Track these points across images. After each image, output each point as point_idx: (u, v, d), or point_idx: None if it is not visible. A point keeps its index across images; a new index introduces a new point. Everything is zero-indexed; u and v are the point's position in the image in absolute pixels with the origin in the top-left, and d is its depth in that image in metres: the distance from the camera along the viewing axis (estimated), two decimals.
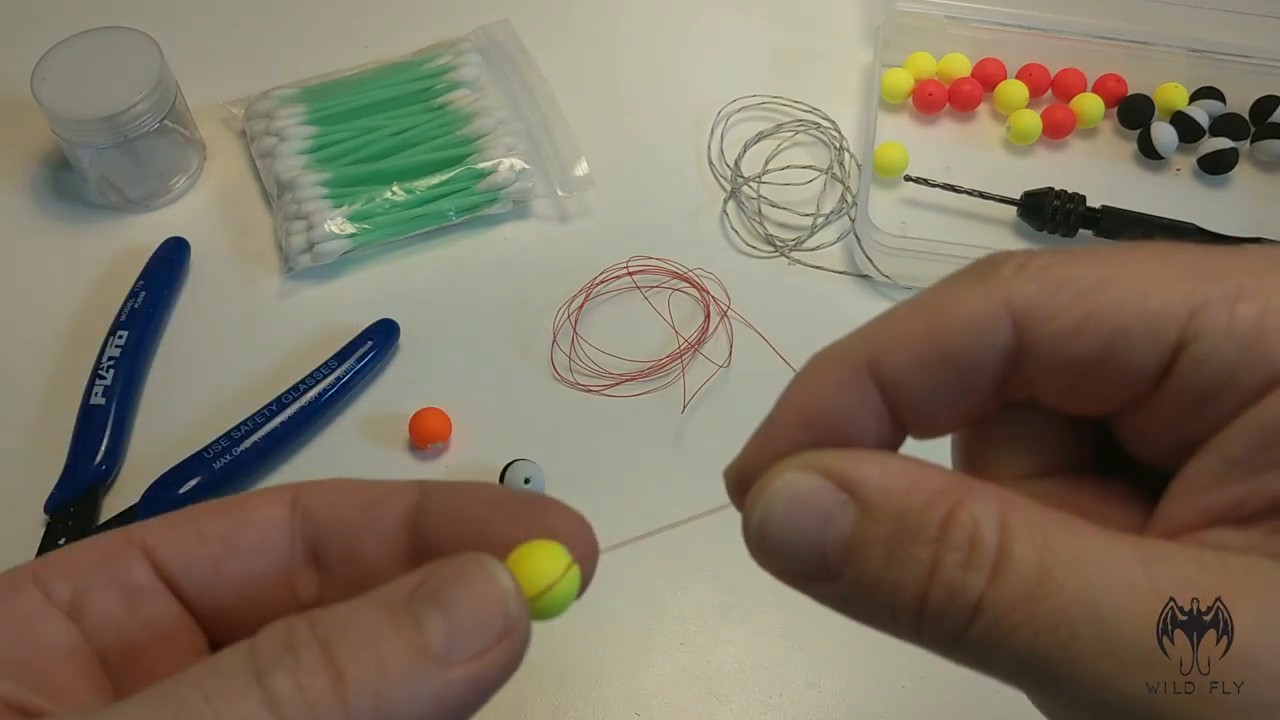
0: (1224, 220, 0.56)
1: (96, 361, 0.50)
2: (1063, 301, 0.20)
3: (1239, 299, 0.19)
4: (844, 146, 0.60)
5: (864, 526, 0.20)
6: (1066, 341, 0.20)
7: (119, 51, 0.54)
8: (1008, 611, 0.18)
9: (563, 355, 0.52)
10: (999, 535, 0.19)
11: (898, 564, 0.19)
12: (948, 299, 0.21)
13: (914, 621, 0.19)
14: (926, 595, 0.19)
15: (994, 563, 0.19)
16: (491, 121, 0.58)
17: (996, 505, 0.19)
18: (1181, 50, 0.61)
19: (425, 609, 0.20)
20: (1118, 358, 0.19)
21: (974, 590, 0.18)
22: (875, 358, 0.21)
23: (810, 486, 0.21)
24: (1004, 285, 0.21)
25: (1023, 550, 0.18)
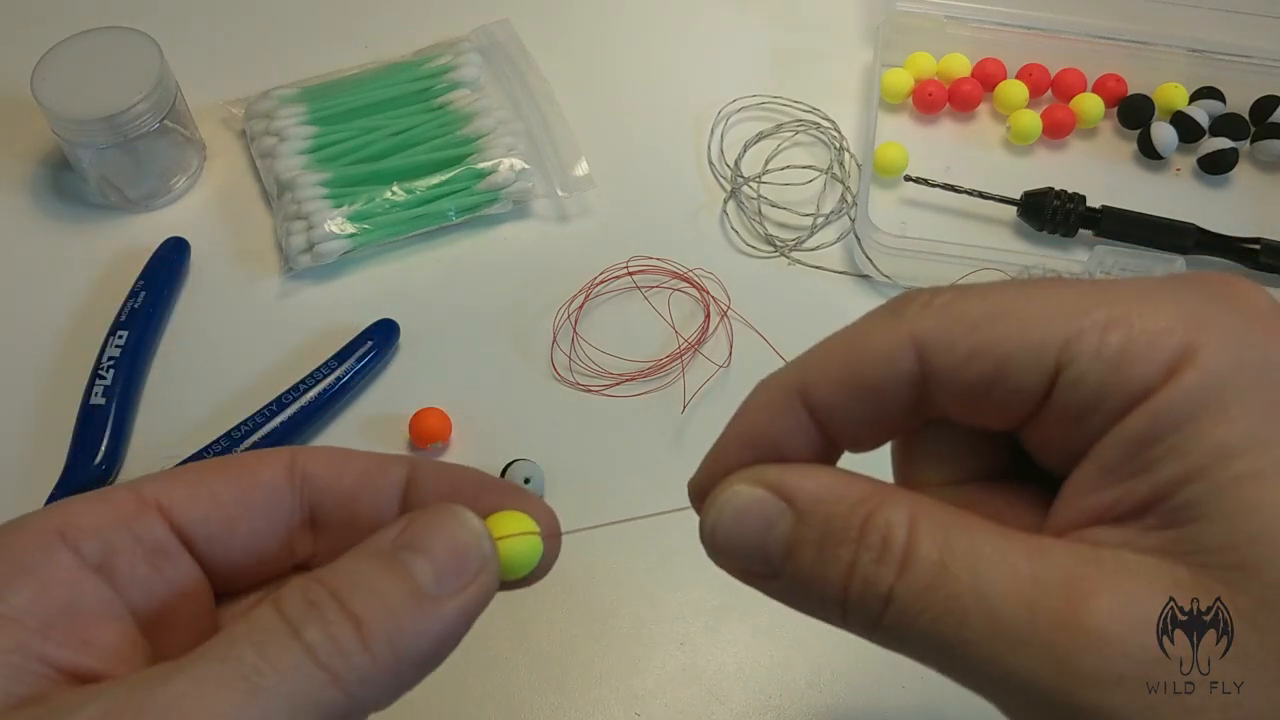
0: (1224, 220, 0.56)
1: (96, 361, 0.50)
2: (959, 333, 0.23)
3: (1108, 327, 0.22)
4: (844, 146, 0.60)
5: (799, 530, 0.23)
6: (962, 368, 0.23)
7: (119, 51, 0.54)
8: (912, 600, 0.22)
9: (563, 355, 0.52)
10: (907, 535, 0.22)
11: (825, 562, 0.23)
12: (862, 333, 0.24)
13: (840, 611, 0.23)
14: (848, 588, 0.22)
15: (901, 559, 0.22)
16: (491, 121, 0.58)
17: (906, 510, 0.22)
18: (1181, 50, 0.61)
19: (410, 556, 0.23)
20: (1005, 381, 0.23)
21: (884, 583, 0.22)
22: (804, 386, 0.24)
23: (754, 496, 0.24)
24: (910, 320, 0.23)
25: (926, 548, 0.22)
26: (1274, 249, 0.55)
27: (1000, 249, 0.54)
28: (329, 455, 0.26)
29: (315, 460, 0.26)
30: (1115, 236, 0.56)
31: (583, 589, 0.46)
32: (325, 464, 0.26)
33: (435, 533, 0.24)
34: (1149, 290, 0.22)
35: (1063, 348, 0.22)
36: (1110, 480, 0.22)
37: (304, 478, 0.26)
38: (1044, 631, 0.21)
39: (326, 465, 0.26)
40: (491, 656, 0.45)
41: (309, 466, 0.26)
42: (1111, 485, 0.22)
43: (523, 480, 0.47)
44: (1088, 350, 0.22)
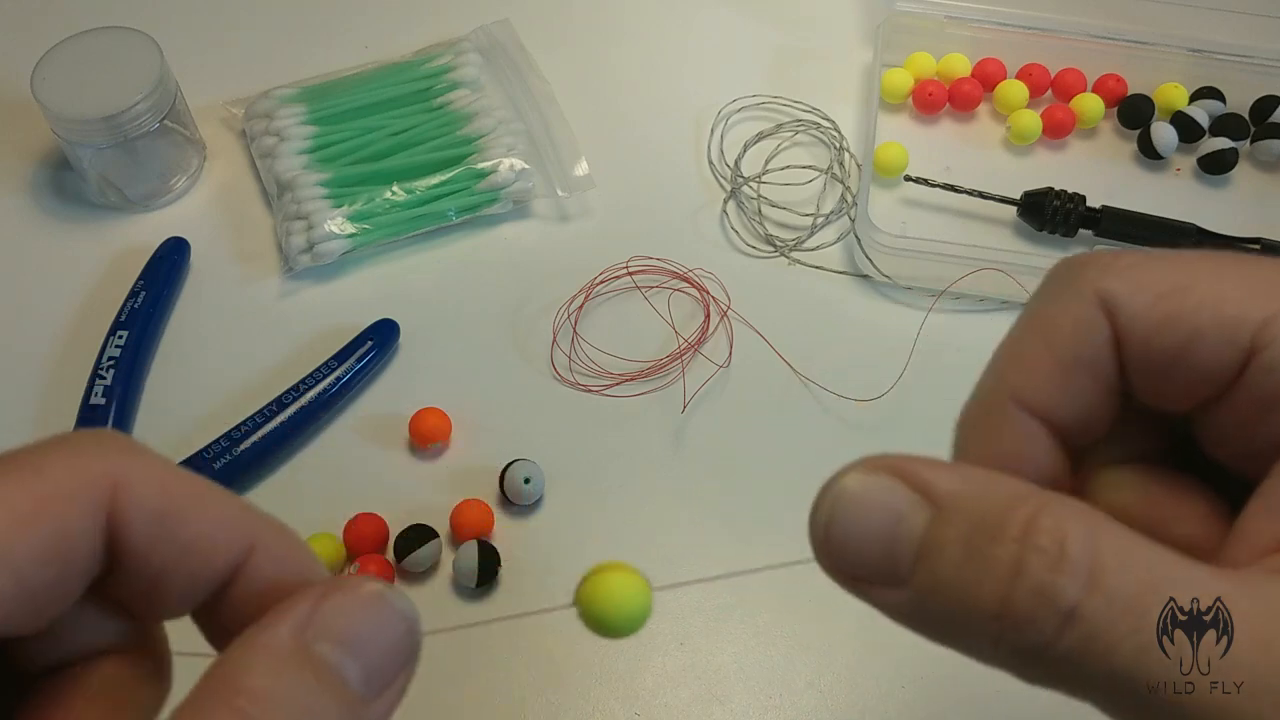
0: (1224, 220, 0.56)
1: (96, 361, 0.50)
2: (1148, 299, 0.21)
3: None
4: (844, 146, 0.60)
5: (939, 527, 0.19)
6: (1152, 336, 0.20)
7: (119, 51, 0.54)
8: (1109, 625, 0.17)
9: (563, 355, 0.52)
10: (1090, 545, 0.18)
11: (978, 565, 0.18)
12: (1048, 313, 0.22)
13: (993, 629, 0.18)
14: (1009, 598, 0.18)
15: (1089, 570, 0.18)
16: (491, 121, 0.58)
17: (1085, 517, 0.18)
18: (1181, 50, 0.61)
19: (338, 655, 0.19)
20: (1193, 358, 0.20)
21: (1068, 596, 0.17)
22: (1016, 391, 0.22)
23: (880, 485, 0.20)
24: (1092, 282, 0.21)
25: (1121, 563, 0.18)
26: (1274, 249, 0.55)
27: (1000, 249, 0.54)
28: (159, 507, 0.20)
29: (141, 509, 0.20)
30: (1115, 236, 0.56)
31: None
32: (155, 524, 0.20)
33: (361, 622, 0.20)
34: None
35: (1260, 327, 0.20)
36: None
37: (121, 519, 0.20)
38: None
39: (157, 525, 0.20)
40: (491, 656, 0.45)
41: (131, 513, 0.20)
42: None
43: (523, 480, 0.47)
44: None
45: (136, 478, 0.20)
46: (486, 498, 0.48)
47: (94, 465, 0.20)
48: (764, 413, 0.51)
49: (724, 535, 0.48)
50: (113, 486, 0.20)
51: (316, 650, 0.19)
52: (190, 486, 0.21)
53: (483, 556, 0.45)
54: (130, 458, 0.20)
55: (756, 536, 0.47)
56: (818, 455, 0.50)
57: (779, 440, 0.50)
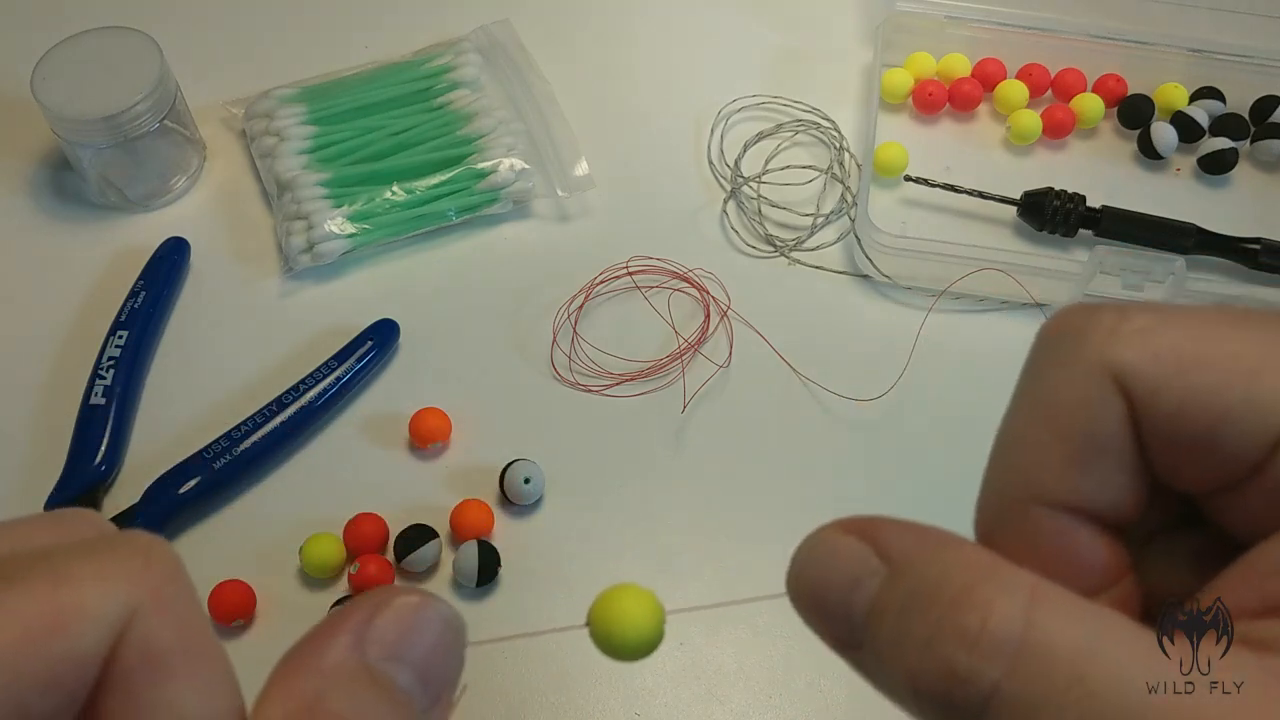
0: (1224, 220, 0.56)
1: (96, 361, 0.50)
2: (1164, 374, 0.18)
3: None
4: (844, 146, 0.60)
5: (885, 590, 0.19)
6: (1169, 418, 0.18)
7: (119, 51, 0.54)
8: (1031, 709, 0.16)
9: (563, 355, 0.52)
10: (1021, 616, 0.17)
11: (901, 633, 0.18)
12: (1051, 391, 0.19)
13: (911, 704, 0.18)
14: (918, 673, 0.17)
15: (1016, 647, 0.16)
16: (491, 121, 0.58)
17: (1024, 586, 0.17)
18: (1181, 50, 0.61)
19: (397, 670, 0.18)
20: (1221, 441, 0.18)
21: (985, 677, 0.16)
22: (1033, 492, 0.20)
23: (842, 545, 0.20)
24: (1099, 352, 0.19)
25: (1041, 638, 0.17)
26: (1274, 249, 0.55)
27: (1000, 249, 0.54)
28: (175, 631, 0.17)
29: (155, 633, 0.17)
30: (1115, 236, 0.56)
31: (583, 589, 0.46)
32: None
33: (409, 632, 0.19)
34: None
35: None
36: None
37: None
38: None
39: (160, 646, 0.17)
40: (491, 657, 0.45)
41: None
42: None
43: (523, 480, 0.47)
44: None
45: (155, 618, 0.17)
46: (486, 498, 0.48)
47: (120, 588, 0.17)
48: (764, 413, 0.51)
49: (724, 535, 0.48)
50: (130, 618, 0.17)
51: (377, 667, 0.18)
52: (195, 640, 0.18)
53: (483, 556, 0.45)
54: (157, 585, 0.17)
55: (756, 536, 0.47)
56: (818, 455, 0.50)
57: (779, 440, 0.50)
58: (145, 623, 0.17)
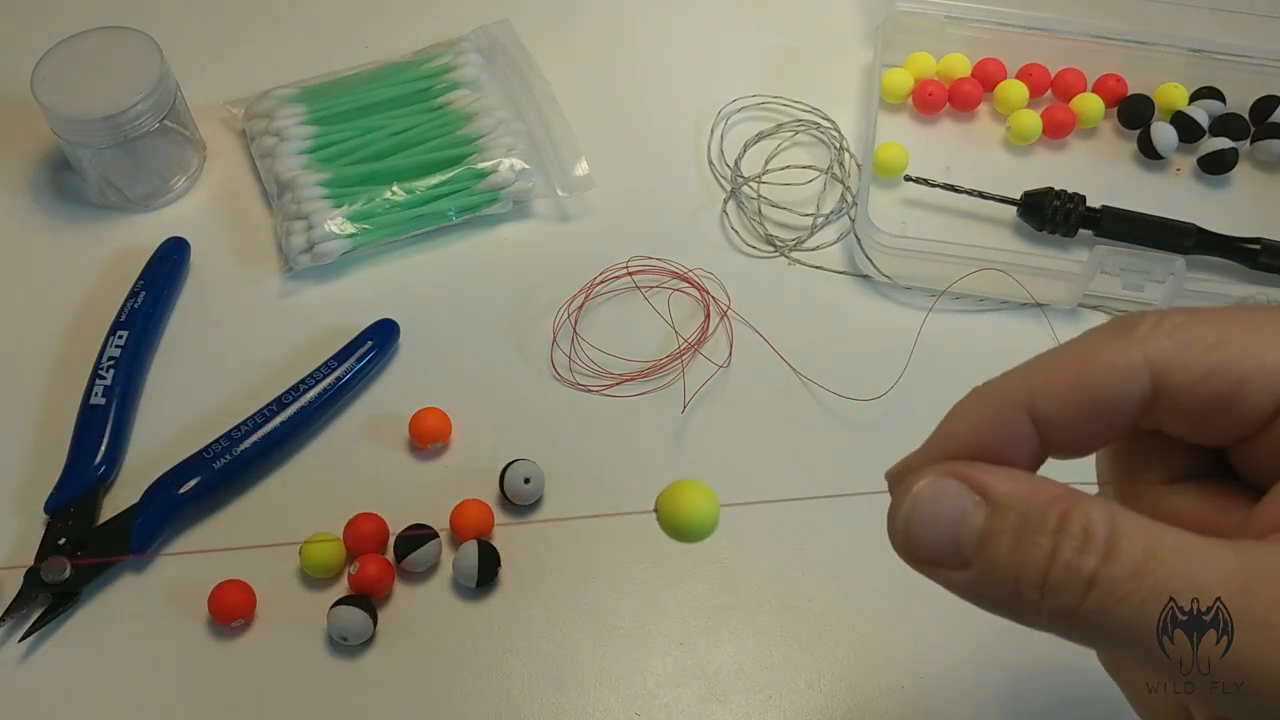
0: (1224, 220, 0.56)
1: (96, 361, 0.50)
2: (1193, 355, 0.24)
3: None
4: (844, 146, 0.60)
5: (995, 521, 0.23)
6: (1196, 387, 0.24)
7: (119, 51, 0.54)
8: (1118, 584, 0.22)
9: (563, 355, 0.52)
10: (1109, 529, 0.22)
11: (1024, 550, 0.23)
12: (1095, 350, 0.25)
13: (1036, 597, 0.23)
14: (1048, 572, 0.22)
15: (1105, 548, 0.22)
16: (491, 121, 0.58)
17: (1106, 508, 0.23)
18: (1181, 50, 0.61)
19: None
20: (1238, 402, 0.24)
21: (1088, 568, 0.22)
22: (1031, 398, 0.25)
23: (949, 487, 0.24)
24: (1142, 341, 0.24)
25: (1130, 540, 0.22)
26: (1274, 249, 0.55)
27: (1000, 249, 0.54)
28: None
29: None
30: (1115, 236, 0.56)
31: (583, 589, 0.46)
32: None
33: None
34: None
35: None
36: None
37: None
38: (1261, 612, 0.21)
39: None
40: (491, 657, 0.45)
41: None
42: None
43: (523, 480, 0.47)
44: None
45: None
46: (486, 498, 0.48)
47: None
48: (764, 413, 0.51)
49: (724, 535, 0.48)
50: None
51: None
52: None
53: (483, 556, 0.45)
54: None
55: (756, 536, 0.47)
56: (818, 455, 0.50)
57: (779, 440, 0.50)
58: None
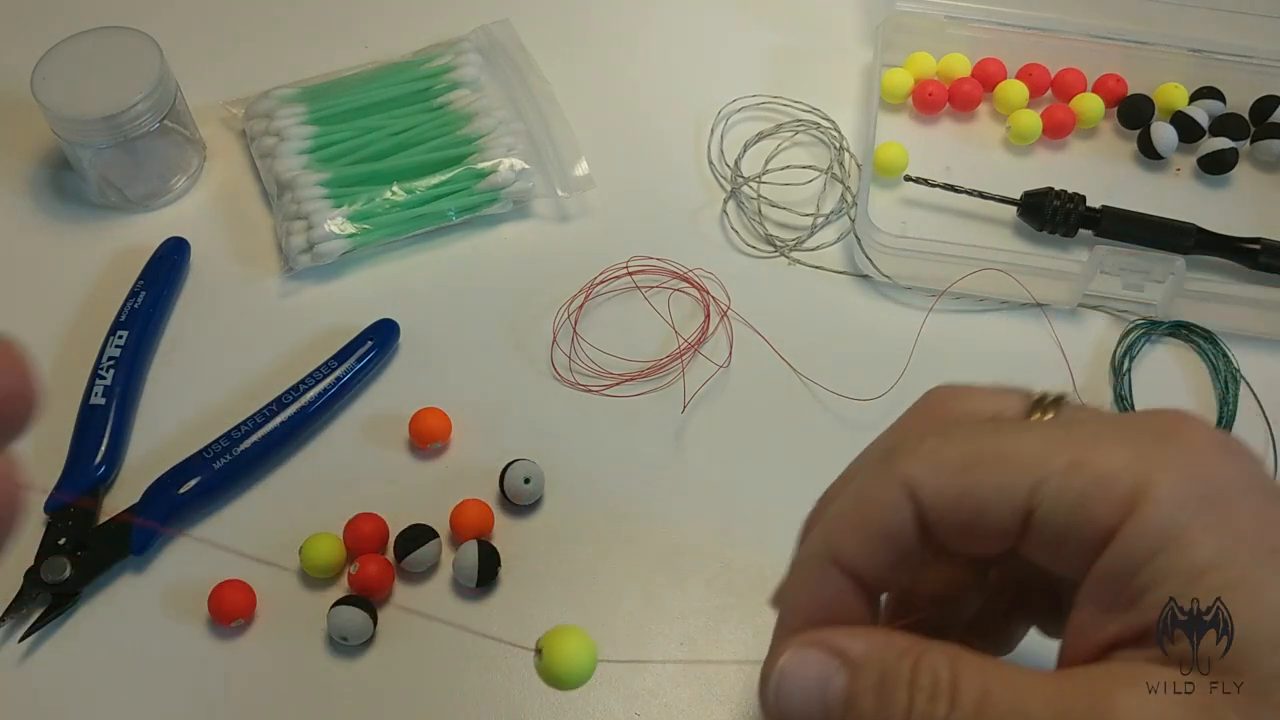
0: (1224, 220, 0.56)
1: (96, 361, 0.50)
2: (943, 480, 0.26)
3: (1069, 471, 0.25)
4: (844, 146, 0.60)
5: (856, 683, 0.26)
6: (950, 511, 0.26)
7: (119, 51, 0.54)
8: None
9: (563, 355, 0.52)
10: (950, 674, 0.25)
11: (885, 706, 0.25)
12: (865, 490, 0.28)
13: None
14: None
15: (950, 694, 0.25)
16: (491, 121, 0.58)
17: (947, 655, 0.25)
18: (1181, 50, 0.61)
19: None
20: (986, 521, 0.26)
21: (940, 715, 0.25)
22: (833, 553, 0.28)
23: (811, 657, 0.27)
24: (901, 469, 0.27)
25: (968, 683, 0.25)
26: (1274, 249, 0.55)
27: (1000, 249, 0.54)
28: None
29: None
30: (1115, 236, 0.56)
31: (583, 588, 0.46)
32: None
33: None
34: (1105, 434, 0.26)
35: (1031, 491, 0.25)
36: (1107, 618, 0.25)
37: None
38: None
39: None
40: (491, 656, 0.45)
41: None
42: (1110, 622, 0.25)
43: (523, 480, 0.47)
44: (1051, 494, 0.25)
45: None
46: (486, 498, 0.48)
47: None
48: (764, 413, 0.51)
49: (725, 535, 0.48)
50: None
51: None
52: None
53: (483, 556, 0.45)
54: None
55: (756, 536, 0.47)
56: (818, 455, 0.50)
57: (779, 440, 0.50)
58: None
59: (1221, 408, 0.52)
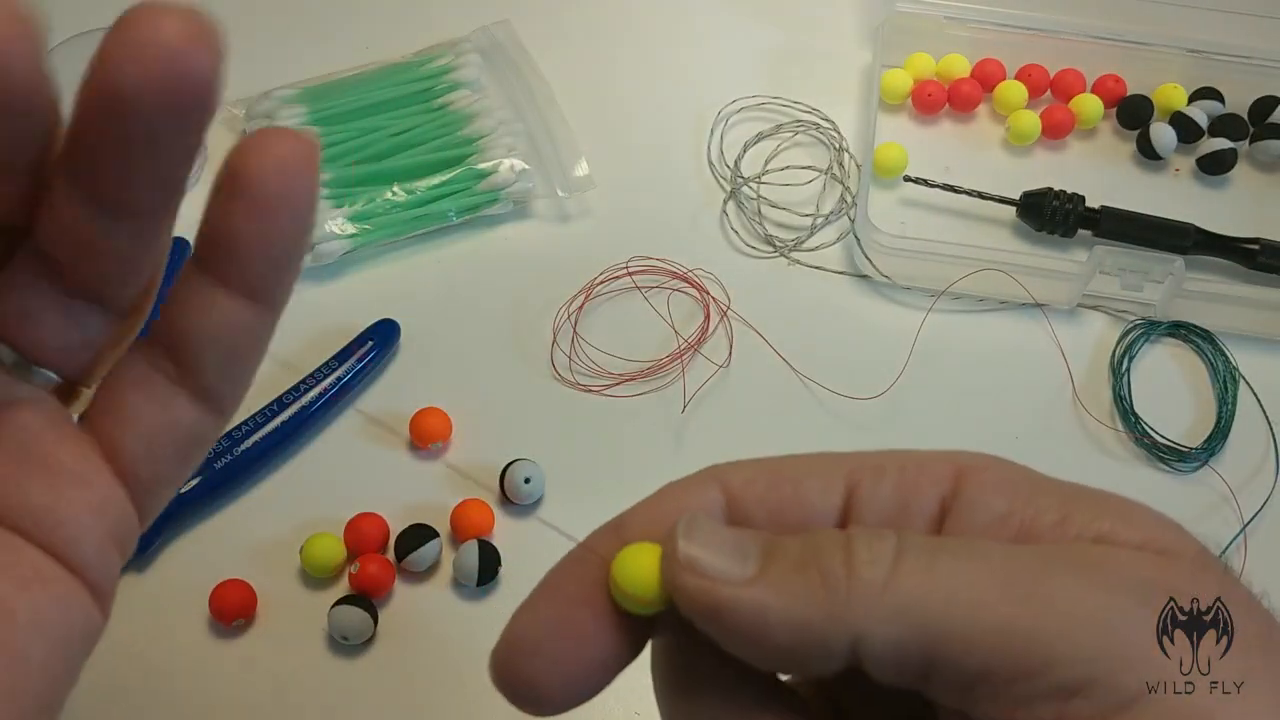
0: (1223, 220, 0.56)
1: None
2: (754, 471, 0.25)
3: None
4: (844, 147, 0.60)
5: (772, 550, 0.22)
6: (761, 499, 0.24)
7: None
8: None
9: (563, 355, 0.53)
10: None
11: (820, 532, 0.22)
12: (660, 493, 0.25)
13: (843, 575, 0.21)
14: (849, 546, 0.21)
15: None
16: (492, 122, 0.58)
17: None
18: (1181, 50, 0.61)
19: None
20: (802, 505, 0.24)
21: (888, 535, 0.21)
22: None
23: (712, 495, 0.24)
24: (720, 481, 0.24)
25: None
26: (1273, 249, 0.55)
27: (999, 249, 0.54)
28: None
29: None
30: (1114, 236, 0.56)
31: None
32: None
33: None
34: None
35: (851, 480, 0.24)
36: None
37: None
38: None
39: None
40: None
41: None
42: None
43: (523, 480, 0.47)
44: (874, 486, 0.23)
45: None
46: (486, 498, 0.48)
47: None
48: (764, 413, 0.51)
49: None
50: None
51: None
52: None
53: (483, 556, 0.45)
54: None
55: None
56: None
57: (779, 440, 0.50)
58: None
59: (1220, 408, 0.52)
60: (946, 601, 0.20)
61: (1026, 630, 0.19)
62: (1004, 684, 0.19)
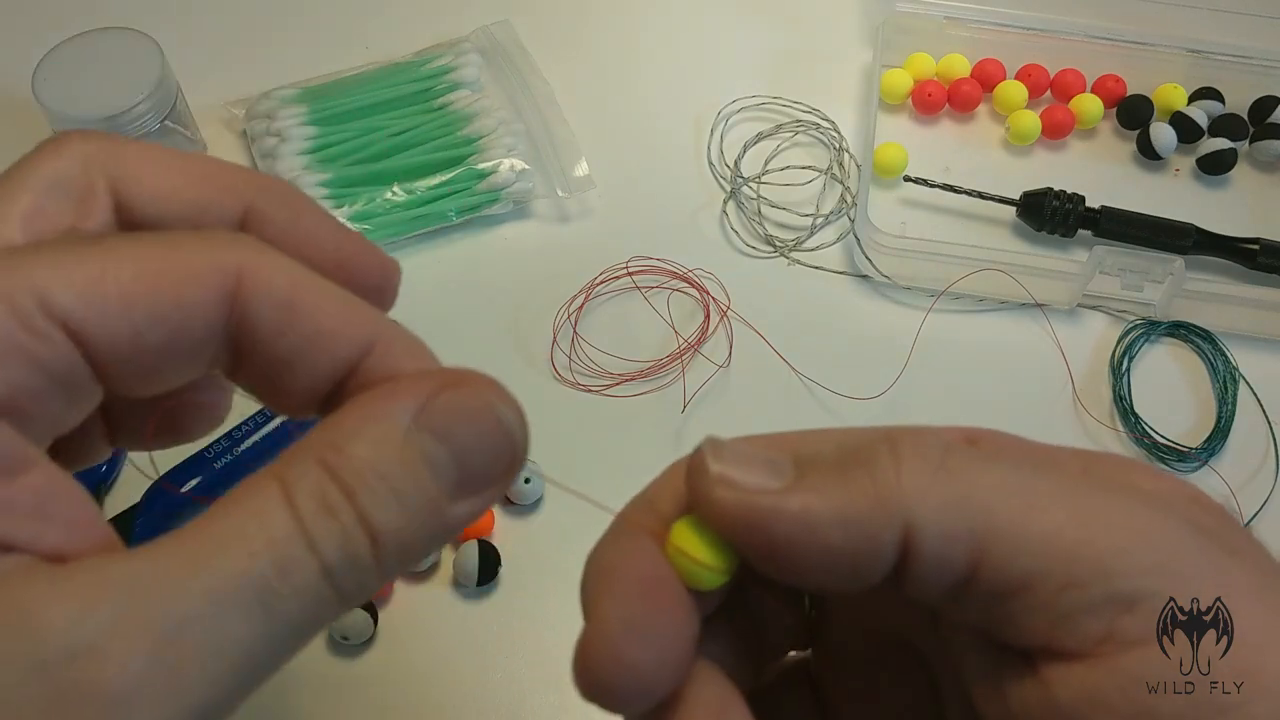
0: (1223, 220, 0.56)
1: None
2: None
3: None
4: (844, 147, 0.60)
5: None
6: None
7: (119, 52, 0.54)
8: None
9: (563, 355, 0.53)
10: None
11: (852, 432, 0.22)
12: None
13: (894, 470, 0.20)
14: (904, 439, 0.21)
15: None
16: (492, 122, 0.58)
17: None
18: (1181, 51, 0.61)
19: (437, 450, 0.20)
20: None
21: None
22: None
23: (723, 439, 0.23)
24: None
25: None
26: (1273, 249, 0.55)
27: (999, 249, 0.54)
28: (288, 281, 0.21)
29: (271, 281, 0.21)
30: (1114, 237, 0.56)
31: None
32: (280, 310, 0.21)
33: (468, 427, 0.22)
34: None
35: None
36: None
37: (245, 308, 0.20)
38: None
39: (282, 292, 0.21)
40: (491, 656, 0.45)
41: (256, 303, 0.20)
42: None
43: (523, 480, 0.47)
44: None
45: (265, 270, 0.20)
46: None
47: (224, 253, 0.20)
48: (764, 413, 0.51)
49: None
50: (239, 275, 0.20)
51: (421, 440, 0.20)
52: (315, 283, 0.21)
53: (483, 556, 0.45)
54: (260, 254, 0.21)
55: None
56: None
57: None
58: (260, 281, 0.20)
59: (1220, 407, 0.52)
60: (998, 497, 0.19)
61: (1081, 538, 0.19)
62: (1051, 593, 0.19)
